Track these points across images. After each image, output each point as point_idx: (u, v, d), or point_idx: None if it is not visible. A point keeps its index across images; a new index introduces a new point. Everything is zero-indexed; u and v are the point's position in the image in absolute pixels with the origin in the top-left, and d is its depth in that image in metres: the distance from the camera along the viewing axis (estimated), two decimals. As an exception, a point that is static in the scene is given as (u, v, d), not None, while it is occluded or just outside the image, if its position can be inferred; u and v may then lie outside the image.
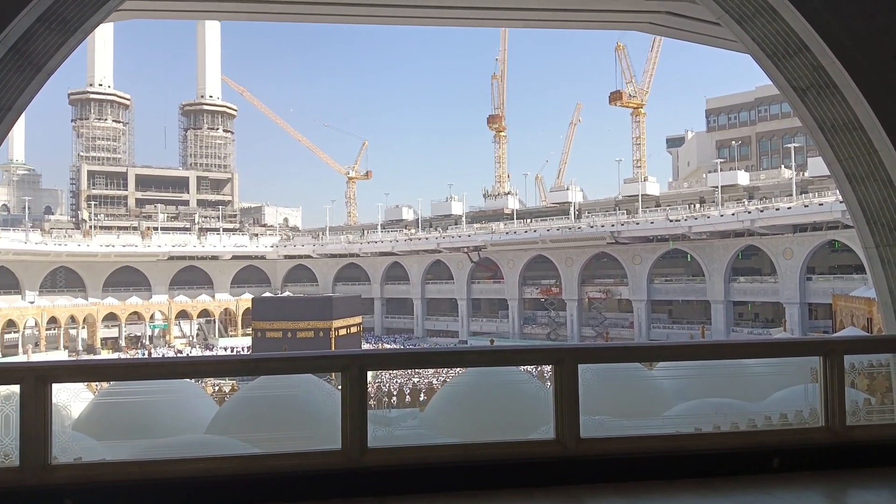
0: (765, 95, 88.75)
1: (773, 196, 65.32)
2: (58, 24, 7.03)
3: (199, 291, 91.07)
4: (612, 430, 4.53)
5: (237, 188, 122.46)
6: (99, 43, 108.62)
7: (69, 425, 8.42)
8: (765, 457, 4.28)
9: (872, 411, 4.85)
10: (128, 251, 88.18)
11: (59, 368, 4.18)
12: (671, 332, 69.16)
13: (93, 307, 79.93)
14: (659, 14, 14.37)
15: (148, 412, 8.35)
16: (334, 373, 4.48)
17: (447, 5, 14.60)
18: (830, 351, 4.42)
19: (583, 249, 75.00)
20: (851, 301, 35.93)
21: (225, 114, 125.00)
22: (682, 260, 69.50)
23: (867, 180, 8.00)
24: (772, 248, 61.80)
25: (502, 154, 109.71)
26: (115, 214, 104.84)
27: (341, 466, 3.96)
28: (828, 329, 51.77)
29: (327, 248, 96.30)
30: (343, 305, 68.49)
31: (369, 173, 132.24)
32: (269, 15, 16.40)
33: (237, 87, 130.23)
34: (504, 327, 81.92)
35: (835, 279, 56.93)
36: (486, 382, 8.90)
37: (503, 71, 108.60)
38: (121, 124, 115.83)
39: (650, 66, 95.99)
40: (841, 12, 7.16)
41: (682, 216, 67.08)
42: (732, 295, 65.78)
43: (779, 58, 8.19)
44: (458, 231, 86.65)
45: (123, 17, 15.33)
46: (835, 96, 7.74)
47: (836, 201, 51.35)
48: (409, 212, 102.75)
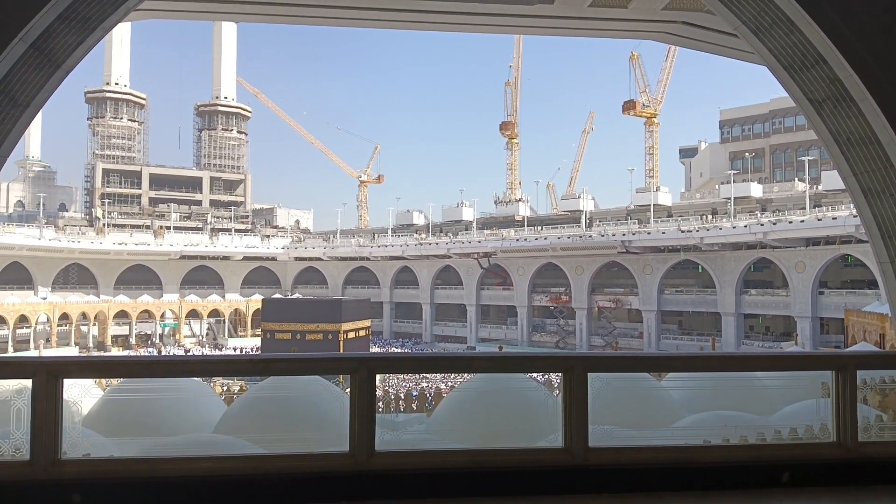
0: (779, 108, 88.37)
1: (786, 209, 64.94)
2: (77, 22, 7.10)
3: (209, 291, 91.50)
4: (620, 440, 4.51)
5: (250, 189, 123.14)
6: (116, 42, 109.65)
7: (79, 421, 8.45)
8: (774, 471, 4.24)
9: (885, 428, 4.80)
10: (140, 249, 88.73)
11: (70, 364, 4.21)
12: (681, 344, 68.76)
13: (104, 304, 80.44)
14: (676, 24, 14.36)
15: (157, 410, 8.37)
16: (343, 375, 4.48)
17: (462, 11, 14.62)
18: (843, 366, 4.38)
19: (593, 258, 74.76)
20: (864, 316, 35.56)
21: (239, 115, 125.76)
22: (693, 271, 69.12)
23: (883, 194, 7.94)
24: (784, 261, 61.38)
25: (514, 161, 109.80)
26: (128, 213, 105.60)
27: (349, 469, 3.96)
28: (839, 344, 51.30)
29: (338, 251, 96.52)
30: (352, 308, 68.58)
31: (381, 177, 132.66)
32: (284, 17, 16.51)
33: (252, 89, 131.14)
34: (512, 334, 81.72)
35: (847, 294, 56.42)
36: (495, 389, 8.88)
37: (517, 78, 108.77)
38: (136, 123, 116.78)
39: (664, 75, 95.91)
40: (859, 25, 7.12)
41: (693, 227, 66.76)
42: (743, 307, 65.34)
43: (795, 70, 8.16)
44: (469, 237, 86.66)
45: (141, 17, 15.49)
46: (851, 109, 7.69)
47: (849, 215, 51.00)
48: (419, 216, 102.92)
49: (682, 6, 13.56)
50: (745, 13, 8.24)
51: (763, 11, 7.91)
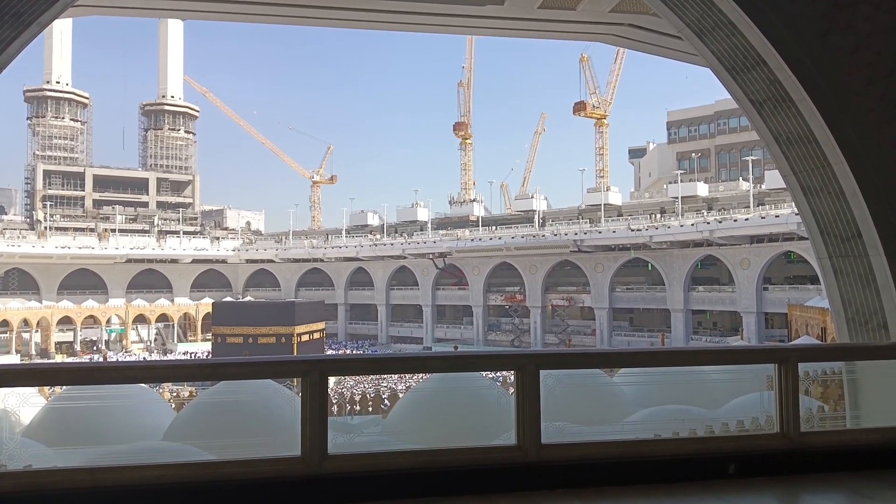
0: (724, 109, 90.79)
1: (731, 207, 66.80)
2: (10, 17, 6.83)
3: (157, 295, 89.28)
4: (573, 436, 4.56)
5: (198, 190, 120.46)
6: (57, 39, 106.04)
7: (19, 431, 8.16)
8: (721, 463, 4.34)
9: (825, 418, 4.97)
10: (84, 253, 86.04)
11: (7, 372, 4.04)
12: (632, 340, 70.10)
13: (47, 310, 77.76)
14: (623, 26, 14.62)
15: (102, 418, 8.14)
16: (295, 378, 4.41)
17: (413, 11, 14.62)
18: (785, 358, 4.51)
19: (546, 257, 75.66)
20: (806, 311, 36.80)
21: (187, 115, 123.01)
22: (644, 269, 70.56)
23: (821, 192, 8.22)
24: (730, 258, 63.16)
25: (468, 161, 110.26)
26: (71, 215, 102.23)
27: (300, 473, 3.90)
28: (784, 338, 53.03)
29: (290, 253, 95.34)
30: (306, 311, 67.84)
31: (334, 178, 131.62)
32: (233, 15, 16.23)
33: (200, 88, 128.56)
34: (468, 334, 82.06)
35: (790, 289, 58.36)
36: (450, 388, 8.89)
37: (469, 79, 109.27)
38: (79, 123, 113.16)
39: (613, 77, 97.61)
40: (797, 29, 7.37)
41: (643, 226, 68.18)
42: (692, 304, 66.99)
43: (737, 71, 8.39)
44: (424, 237, 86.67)
45: (82, 13, 15.02)
46: (790, 110, 7.94)
47: (791, 213, 52.67)
48: (374, 217, 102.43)
49: (629, 9, 13.82)
50: (688, 16, 8.44)
51: (706, 14, 8.11)
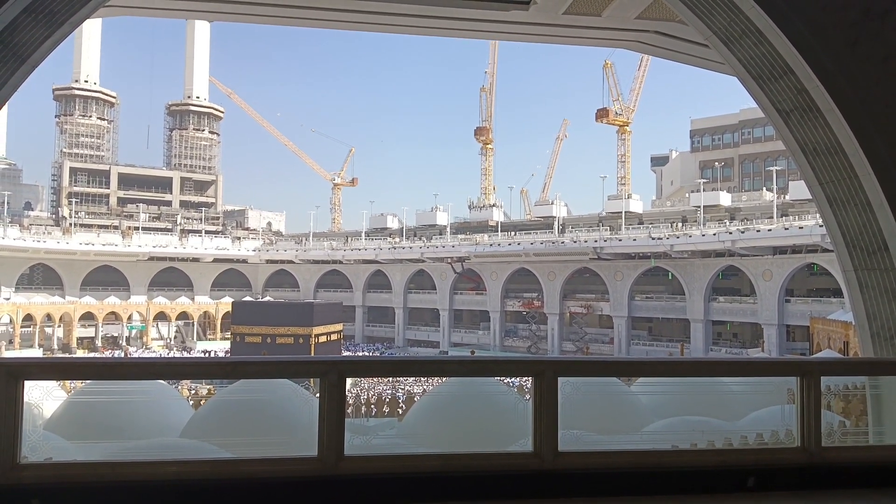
0: (749, 118, 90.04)
1: (754, 218, 66.06)
2: (44, 16, 6.95)
3: (178, 293, 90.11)
4: (590, 445, 4.53)
5: (221, 190, 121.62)
6: (86, 39, 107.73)
7: (41, 424, 8.28)
8: (740, 476, 4.29)
9: (847, 433, 4.89)
10: (107, 250, 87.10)
11: (31, 365, 4.10)
12: (651, 349, 69.50)
13: (70, 306, 78.86)
14: (648, 33, 14.54)
15: (122, 413, 8.22)
16: (313, 379, 4.43)
17: (438, 15, 14.66)
18: (807, 372, 4.44)
19: (565, 264, 75.29)
20: (829, 324, 36.28)
21: (211, 115, 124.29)
22: (664, 278, 69.96)
23: (847, 204, 8.10)
24: (752, 269, 62.43)
25: (488, 166, 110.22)
26: (96, 213, 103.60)
27: (316, 473, 3.92)
28: (805, 351, 52.31)
29: (310, 254, 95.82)
30: (324, 312, 68.14)
31: (355, 180, 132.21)
32: (259, 17, 16.38)
33: (225, 89, 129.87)
34: (485, 339, 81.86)
35: (813, 302, 57.54)
36: (466, 393, 8.87)
37: (492, 84, 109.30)
38: (105, 122, 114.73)
39: (637, 84, 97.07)
40: (826, 38, 7.28)
41: (664, 234, 67.59)
42: (712, 314, 66.26)
43: (764, 80, 8.30)
44: (443, 241, 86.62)
45: (112, 14, 15.25)
46: (817, 120, 7.84)
47: (815, 225, 52.00)
48: (393, 220, 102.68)
49: (655, 16, 13.75)
50: (715, 24, 8.38)
51: (733, 22, 8.05)
